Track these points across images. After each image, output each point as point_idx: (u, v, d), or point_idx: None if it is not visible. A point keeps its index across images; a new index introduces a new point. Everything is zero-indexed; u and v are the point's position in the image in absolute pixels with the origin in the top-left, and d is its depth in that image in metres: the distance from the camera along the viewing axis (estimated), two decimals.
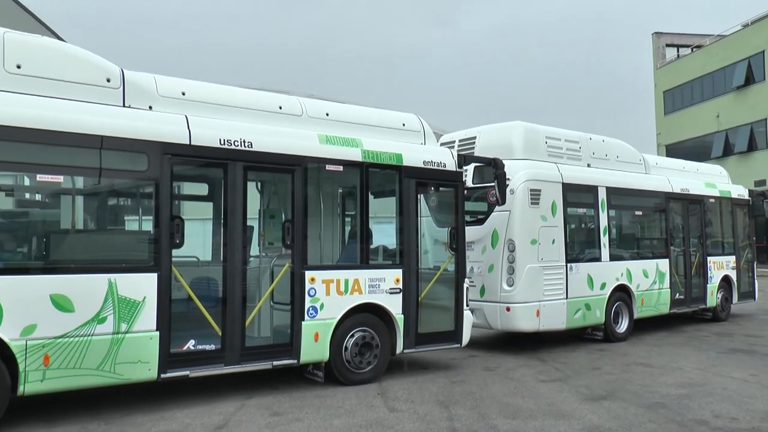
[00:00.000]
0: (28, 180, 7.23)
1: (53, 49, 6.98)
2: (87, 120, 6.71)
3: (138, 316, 6.81)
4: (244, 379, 8.31)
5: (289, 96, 8.65)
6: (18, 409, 6.77)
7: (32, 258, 6.87)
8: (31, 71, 6.69)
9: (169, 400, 7.50)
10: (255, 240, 8.79)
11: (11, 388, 6.22)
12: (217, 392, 7.87)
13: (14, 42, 6.69)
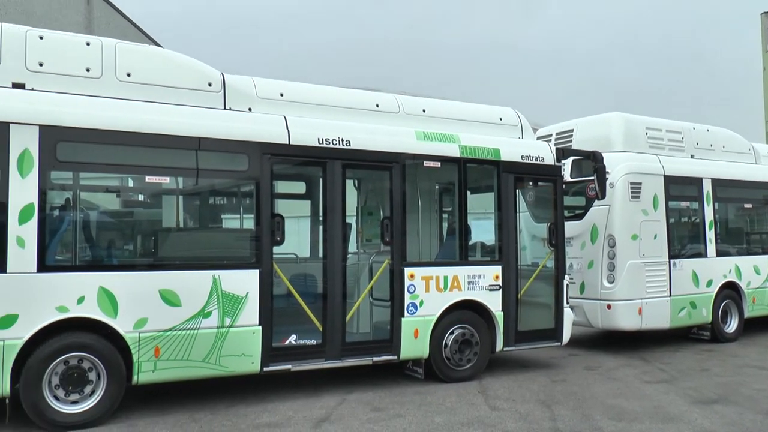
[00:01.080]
0: (137, 182, 7.53)
1: (159, 57, 7.27)
2: (191, 123, 6.96)
3: (241, 311, 6.99)
4: (344, 374, 8.40)
5: (386, 94, 8.66)
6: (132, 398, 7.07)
7: (143, 255, 7.19)
8: (140, 79, 7.00)
9: (271, 393, 7.68)
10: (353, 237, 8.86)
11: (126, 377, 6.54)
12: (318, 386, 7.99)
13: (125, 52, 7.02)
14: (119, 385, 6.51)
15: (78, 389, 6.38)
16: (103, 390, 6.45)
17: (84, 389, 6.40)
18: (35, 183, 6.24)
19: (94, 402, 6.43)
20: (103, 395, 6.44)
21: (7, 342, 6.05)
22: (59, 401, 6.31)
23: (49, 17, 15.14)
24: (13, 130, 6.20)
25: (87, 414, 6.38)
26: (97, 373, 6.45)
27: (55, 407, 6.27)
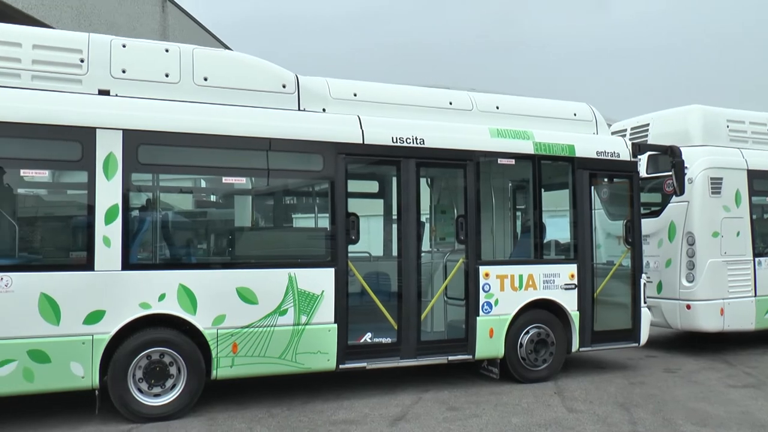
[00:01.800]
0: (214, 183, 7.69)
1: (235, 61, 7.42)
2: (266, 125, 7.09)
3: (317, 308, 7.07)
4: (419, 373, 8.38)
5: (459, 91, 8.60)
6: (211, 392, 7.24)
7: (220, 254, 7.37)
8: (216, 82, 7.15)
9: (347, 390, 7.74)
10: (426, 235, 8.84)
11: (205, 372, 6.72)
12: (393, 384, 8.00)
13: (201, 57, 7.19)
14: (199, 379, 6.70)
15: (160, 383, 6.60)
16: (183, 384, 6.65)
17: (165, 383, 6.62)
18: (119, 185, 6.48)
19: (175, 395, 6.64)
20: (184, 389, 6.65)
21: (95, 336, 6.31)
22: (143, 394, 6.55)
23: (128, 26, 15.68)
24: (99, 134, 6.46)
25: (168, 407, 6.60)
26: (178, 368, 6.66)
27: (139, 399, 6.52)
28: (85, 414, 6.62)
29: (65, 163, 6.73)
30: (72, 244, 6.81)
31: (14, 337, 6.10)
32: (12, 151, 6.42)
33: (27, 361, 6.11)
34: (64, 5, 13.64)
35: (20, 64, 6.52)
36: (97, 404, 6.51)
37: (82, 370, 6.27)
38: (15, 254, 6.54)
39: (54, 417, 6.64)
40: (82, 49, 6.75)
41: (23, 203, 7.05)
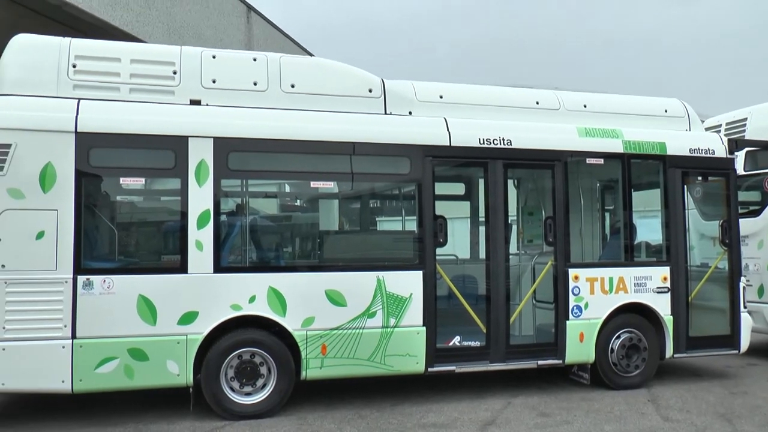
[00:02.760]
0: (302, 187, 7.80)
1: (321, 67, 7.53)
2: (353, 129, 7.17)
3: (405, 311, 7.07)
4: (508, 377, 8.26)
5: (545, 90, 8.45)
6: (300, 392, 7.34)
7: (308, 257, 7.48)
8: (303, 89, 7.28)
9: (435, 393, 7.70)
10: (514, 238, 8.72)
11: (295, 373, 6.84)
12: (482, 388, 7.91)
13: (288, 64, 7.34)
14: (288, 379, 6.81)
15: (251, 382, 6.76)
16: (273, 384, 6.78)
17: (256, 382, 6.77)
18: (211, 191, 6.69)
19: (266, 395, 6.78)
20: (274, 389, 6.78)
21: (189, 336, 6.53)
22: (234, 392, 6.72)
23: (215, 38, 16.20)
24: (192, 143, 6.69)
25: (259, 405, 6.75)
26: (268, 368, 6.79)
27: (231, 397, 6.70)
28: (181, 410, 6.84)
29: (160, 170, 6.99)
30: (166, 248, 7.10)
31: (116, 335, 6.39)
32: (112, 161, 6.74)
33: (127, 358, 6.39)
34: (156, 21, 14.21)
35: (119, 78, 6.85)
36: (191, 401, 6.72)
37: (177, 368, 6.50)
38: (115, 258, 6.86)
39: (152, 412, 6.90)
40: (175, 61, 7.02)
41: (121, 210, 7.39)
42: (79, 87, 6.74)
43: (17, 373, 6.25)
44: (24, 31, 7.00)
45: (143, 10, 13.71)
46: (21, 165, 6.34)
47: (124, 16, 13.10)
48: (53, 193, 6.39)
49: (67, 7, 11.98)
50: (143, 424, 6.57)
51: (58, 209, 6.38)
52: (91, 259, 6.57)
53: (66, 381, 6.30)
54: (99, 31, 12.56)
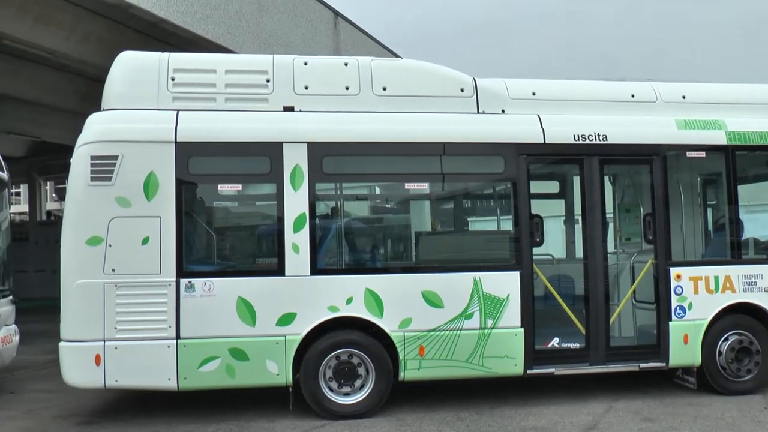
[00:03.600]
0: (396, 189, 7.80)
1: (412, 69, 7.55)
2: (446, 129, 7.15)
3: (503, 312, 6.98)
4: (608, 380, 7.97)
5: (641, 83, 8.15)
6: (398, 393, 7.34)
7: (404, 258, 7.50)
8: (394, 91, 7.32)
9: (534, 396, 7.55)
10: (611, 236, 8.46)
11: (394, 374, 6.85)
12: (582, 391, 7.69)
13: (379, 67, 7.40)
14: (386, 380, 6.83)
15: (349, 382, 6.82)
16: (371, 384, 6.82)
17: (354, 382, 6.82)
18: (306, 195, 6.82)
19: (364, 395, 6.83)
20: (372, 389, 6.82)
21: (288, 337, 6.66)
22: (333, 392, 6.80)
23: (303, 45, 16.53)
24: (286, 148, 6.84)
25: (358, 406, 6.80)
26: (366, 369, 6.83)
27: (330, 397, 6.79)
28: (280, 409, 6.97)
29: (256, 176, 7.19)
30: (264, 251, 7.29)
31: (217, 336, 6.60)
32: (210, 168, 6.99)
33: (229, 358, 6.58)
34: (246, 32, 14.63)
35: (215, 88, 7.09)
36: (290, 400, 6.84)
37: (277, 368, 6.64)
38: (214, 261, 7.08)
39: (252, 410, 7.08)
40: (268, 70, 7.19)
41: (220, 215, 7.63)
42: (177, 99, 7.02)
43: (128, 370, 6.56)
44: (125, 49, 7.35)
45: (234, 23, 14.15)
46: (127, 175, 6.65)
47: (216, 29, 13.56)
48: (156, 200, 6.67)
49: (164, 24, 12.52)
50: (244, 421, 6.75)
51: (161, 216, 6.65)
52: (192, 262, 6.83)
53: (172, 379, 6.56)
54: (192, 44, 13.05)
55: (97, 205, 6.62)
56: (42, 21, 12.74)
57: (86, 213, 6.64)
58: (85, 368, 6.53)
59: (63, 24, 13.10)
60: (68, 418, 7.19)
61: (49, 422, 7.07)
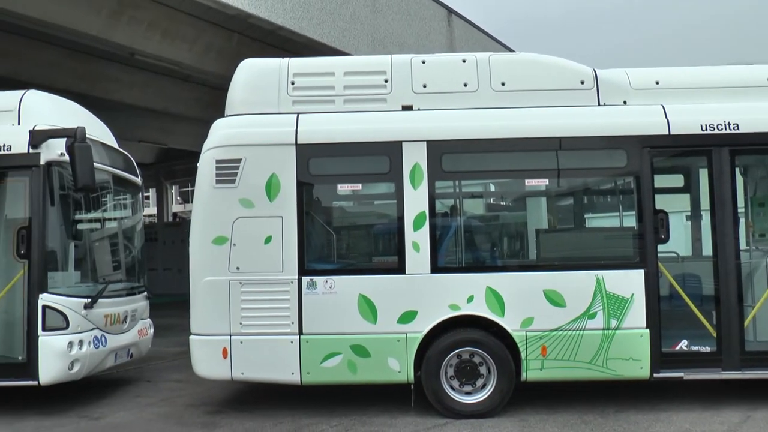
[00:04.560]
0: (515, 185, 7.67)
1: (531, 63, 7.43)
2: (566, 124, 6.99)
3: (627, 312, 6.73)
4: (744, 387, 7.53)
5: None
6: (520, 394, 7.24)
7: (525, 256, 7.38)
8: (513, 86, 7.24)
9: (661, 401, 7.25)
10: (742, 232, 7.98)
11: (515, 374, 6.77)
12: (715, 399, 7.27)
13: (497, 63, 7.34)
14: (509, 380, 6.76)
15: (470, 381, 6.80)
16: (493, 384, 6.77)
17: (476, 382, 6.80)
18: (425, 193, 6.86)
19: (486, 394, 6.78)
20: (494, 389, 6.76)
21: (409, 335, 6.72)
22: (454, 391, 6.81)
23: (418, 45, 16.67)
24: (405, 147, 6.90)
25: (480, 405, 6.76)
26: (487, 368, 6.79)
27: (452, 396, 6.79)
28: (402, 406, 7.03)
29: (375, 176, 7.29)
30: (384, 249, 7.38)
31: (339, 332, 6.76)
32: (330, 169, 7.17)
33: (350, 354, 6.73)
34: (361, 34, 14.91)
35: (334, 90, 7.27)
36: (412, 398, 6.89)
37: (398, 365, 6.71)
38: (335, 260, 7.24)
39: (374, 406, 7.19)
40: (386, 70, 7.30)
41: (339, 214, 7.79)
42: (297, 102, 7.25)
43: (253, 364, 6.83)
44: (243, 58, 7.66)
45: (348, 26, 14.46)
46: (249, 177, 6.95)
47: (332, 33, 13.91)
48: (278, 201, 6.92)
49: (281, 31, 12.99)
50: (367, 416, 6.86)
51: (283, 216, 6.89)
52: (313, 261, 7.01)
53: (295, 373, 6.78)
54: (307, 49, 13.45)
55: (222, 206, 6.95)
56: (168, 35, 13.54)
57: (212, 214, 6.98)
58: (213, 361, 6.87)
59: (186, 37, 13.85)
60: (199, 406, 7.59)
61: (183, 410, 7.49)
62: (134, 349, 8.62)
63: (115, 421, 7.09)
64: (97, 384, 8.84)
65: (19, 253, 7.33)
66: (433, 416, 6.78)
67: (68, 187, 7.53)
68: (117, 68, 16.83)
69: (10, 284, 7.40)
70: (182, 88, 18.85)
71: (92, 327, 7.56)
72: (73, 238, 7.97)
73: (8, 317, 7.40)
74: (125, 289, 8.65)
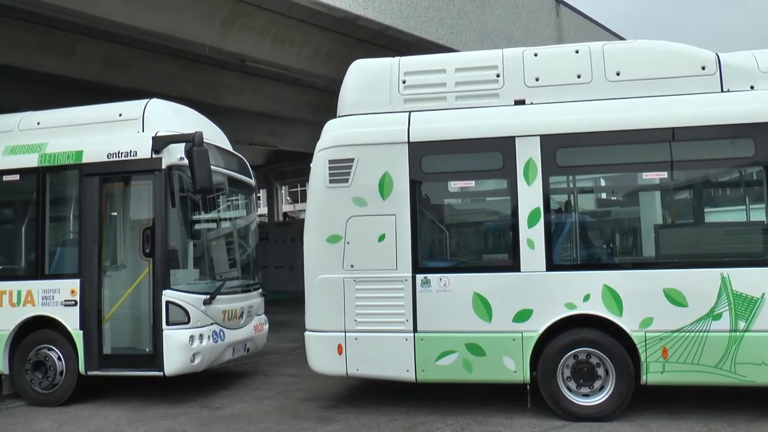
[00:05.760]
0: (633, 179, 7.36)
1: (647, 50, 7.11)
2: (686, 113, 6.64)
3: (757, 313, 6.32)
4: None
5: None
6: (638, 398, 6.96)
7: (643, 254, 7.08)
8: (629, 75, 6.97)
9: None
10: None
11: (635, 376, 6.51)
12: None
13: (612, 52, 7.08)
14: (628, 383, 6.50)
15: (588, 383, 6.59)
16: (612, 386, 6.53)
17: (593, 383, 6.58)
18: (539, 189, 6.72)
19: (604, 397, 6.55)
20: (613, 391, 6.52)
21: (524, 334, 6.60)
22: (571, 392, 6.62)
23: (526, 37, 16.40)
24: (518, 142, 6.80)
25: (598, 408, 6.54)
26: (605, 370, 6.56)
27: (569, 397, 6.61)
28: (518, 406, 6.94)
29: (488, 172, 7.20)
30: (498, 247, 7.28)
31: (453, 331, 6.73)
32: (442, 166, 7.15)
33: (465, 353, 6.68)
34: (468, 29, 14.82)
35: (445, 87, 7.25)
36: (528, 398, 6.78)
37: (514, 365, 6.61)
38: (448, 257, 7.21)
39: (490, 406, 7.12)
40: (498, 64, 7.20)
41: (452, 212, 7.76)
42: (409, 101, 7.27)
43: (368, 360, 6.93)
44: (351, 60, 7.76)
45: (455, 21, 14.40)
46: (362, 176, 7.04)
47: (439, 30, 13.89)
48: (391, 199, 6.97)
49: (389, 30, 13.08)
50: (482, 416, 6.80)
51: (396, 214, 6.93)
52: (426, 258, 7.02)
53: (410, 371, 6.80)
54: (414, 47, 13.48)
55: (335, 206, 7.07)
56: (278, 41, 13.94)
57: (326, 213, 7.12)
58: (329, 357, 7.02)
59: (295, 41, 14.22)
60: (314, 401, 7.76)
61: (298, 403, 7.68)
62: (250, 344, 8.93)
63: (234, 412, 7.36)
64: (216, 376, 9.24)
65: (144, 252, 7.74)
66: (549, 418, 6.63)
67: (187, 189, 7.90)
68: (228, 75, 17.56)
69: (137, 281, 7.84)
70: (291, 91, 19.37)
71: (211, 322, 7.89)
72: (193, 238, 8.35)
73: (135, 312, 7.85)
74: (241, 286, 8.98)
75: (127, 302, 7.86)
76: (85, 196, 8.03)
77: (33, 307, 8.02)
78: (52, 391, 7.96)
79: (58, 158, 8.19)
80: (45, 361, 7.96)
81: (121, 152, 7.92)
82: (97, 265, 7.88)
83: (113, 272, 7.98)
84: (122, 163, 7.91)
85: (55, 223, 8.45)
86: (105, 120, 8.33)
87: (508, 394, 7.23)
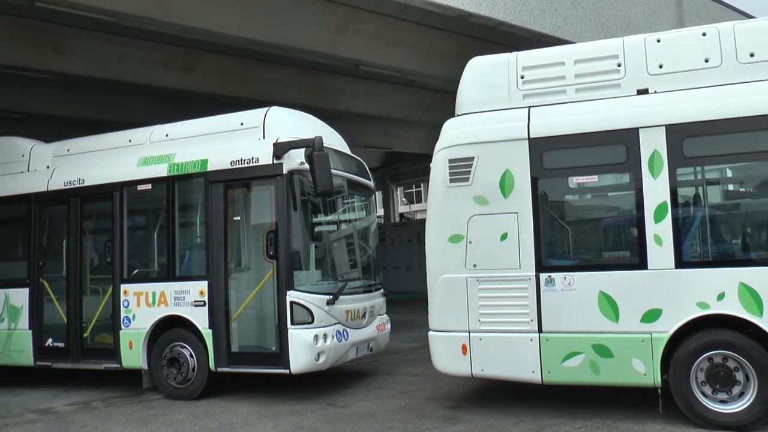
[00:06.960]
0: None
1: None
2: None
3: None
4: None
5: None
6: None
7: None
8: (765, 56, 6.48)
9: None
10: None
11: None
12: None
13: (744, 31, 6.62)
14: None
15: (725, 388, 6.17)
16: (753, 393, 6.06)
17: (731, 389, 6.15)
18: (666, 182, 6.40)
19: (745, 404, 6.09)
20: (755, 398, 6.05)
21: (654, 335, 6.31)
22: (707, 398, 6.23)
23: (644, 23, 15.69)
24: (642, 133, 6.51)
25: (737, 416, 6.10)
26: (745, 374, 6.12)
27: (704, 403, 6.21)
28: (649, 411, 6.65)
29: (611, 166, 6.93)
30: (623, 244, 7.01)
31: (579, 331, 6.54)
32: (563, 162, 6.95)
33: (592, 354, 6.48)
34: (584, 19, 14.35)
35: (564, 80, 7.06)
36: (659, 403, 6.46)
37: (644, 368, 6.33)
38: (571, 255, 7.01)
39: (619, 410, 6.86)
40: (618, 54, 6.94)
41: (574, 208, 7.53)
42: (528, 96, 7.14)
43: (493, 361, 6.86)
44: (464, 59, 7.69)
45: (570, 12, 14.00)
46: (483, 174, 6.99)
47: (553, 22, 13.55)
48: (512, 197, 6.88)
49: (502, 26, 12.89)
50: (611, 420, 6.56)
51: (518, 212, 6.83)
52: (550, 257, 6.86)
53: (536, 372, 6.68)
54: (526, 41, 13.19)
55: (456, 205, 7.05)
56: (392, 44, 14.07)
57: (447, 212, 7.11)
58: (453, 357, 7.00)
59: (409, 43, 14.29)
60: (439, 401, 7.77)
61: (423, 403, 7.72)
62: (373, 343, 9.08)
63: (359, 410, 7.49)
64: (340, 375, 9.44)
65: (268, 254, 8.02)
66: (683, 424, 6.29)
67: (308, 193, 8.11)
68: (342, 80, 17.92)
69: (262, 282, 8.13)
70: (404, 93, 19.51)
71: (335, 322, 8.07)
72: (314, 240, 8.58)
73: (261, 312, 8.15)
74: (363, 286, 9.13)
75: (252, 302, 8.18)
76: (211, 202, 8.43)
77: (166, 307, 8.52)
78: (186, 386, 8.42)
79: (185, 167, 8.65)
80: (178, 357, 8.44)
81: (244, 159, 8.25)
82: (224, 268, 8.25)
83: (238, 274, 8.32)
84: (245, 170, 8.24)
85: (183, 228, 8.94)
86: (228, 129, 8.72)
87: (634, 397, 6.95)
